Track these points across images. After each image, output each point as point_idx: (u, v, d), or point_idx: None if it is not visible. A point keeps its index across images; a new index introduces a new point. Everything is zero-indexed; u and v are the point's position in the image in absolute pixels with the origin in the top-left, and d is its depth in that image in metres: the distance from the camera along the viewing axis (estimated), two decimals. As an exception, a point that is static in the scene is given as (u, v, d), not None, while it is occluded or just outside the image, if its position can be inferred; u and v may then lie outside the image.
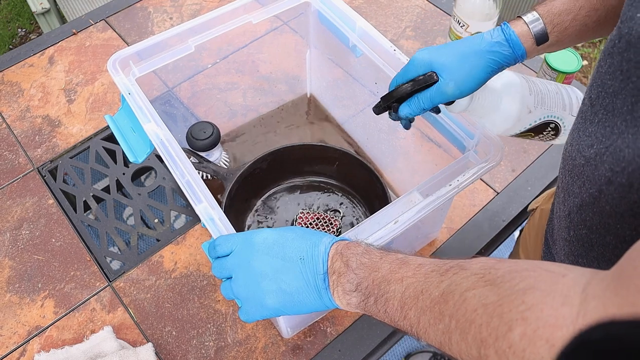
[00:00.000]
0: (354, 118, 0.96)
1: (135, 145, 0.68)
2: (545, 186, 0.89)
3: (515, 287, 0.34)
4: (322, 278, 0.48)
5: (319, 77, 0.98)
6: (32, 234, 0.87)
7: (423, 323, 0.41)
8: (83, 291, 0.81)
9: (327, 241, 0.50)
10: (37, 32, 2.44)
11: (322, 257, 0.49)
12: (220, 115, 0.98)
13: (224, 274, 0.53)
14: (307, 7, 0.81)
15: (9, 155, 0.96)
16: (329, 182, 0.91)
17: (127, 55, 0.70)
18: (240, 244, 0.52)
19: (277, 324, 0.74)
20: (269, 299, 0.50)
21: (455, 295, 0.38)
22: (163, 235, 0.87)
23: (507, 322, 0.33)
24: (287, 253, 0.50)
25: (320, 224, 0.85)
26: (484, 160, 0.61)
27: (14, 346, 0.76)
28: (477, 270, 0.38)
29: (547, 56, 0.92)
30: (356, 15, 0.75)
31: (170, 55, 0.72)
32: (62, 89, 1.06)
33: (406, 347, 1.46)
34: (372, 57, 0.73)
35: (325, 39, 0.86)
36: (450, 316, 0.38)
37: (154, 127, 0.65)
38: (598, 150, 0.42)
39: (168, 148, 0.63)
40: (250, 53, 0.92)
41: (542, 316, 0.32)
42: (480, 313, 0.35)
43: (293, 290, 0.49)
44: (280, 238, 0.51)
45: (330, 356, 0.74)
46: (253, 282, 0.50)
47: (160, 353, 0.75)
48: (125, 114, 0.69)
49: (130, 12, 1.19)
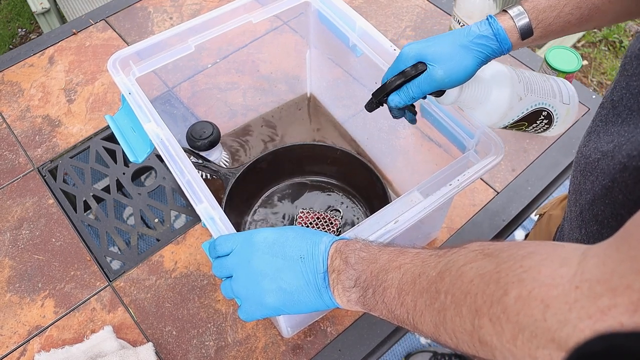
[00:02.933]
0: (354, 118, 0.96)
1: (135, 145, 0.67)
2: (546, 186, 0.89)
3: (514, 255, 0.34)
4: (322, 277, 0.48)
5: (319, 77, 0.98)
6: (32, 233, 0.87)
7: (419, 306, 0.40)
8: (83, 291, 0.81)
9: (327, 240, 0.50)
10: (37, 32, 2.44)
11: (322, 256, 0.49)
12: (220, 115, 0.98)
13: (224, 273, 0.53)
14: (307, 6, 0.81)
15: (9, 155, 0.97)
16: (329, 181, 0.91)
17: (127, 55, 0.70)
18: (240, 243, 0.52)
19: (277, 323, 0.75)
20: (268, 298, 0.50)
21: (452, 271, 0.38)
22: (163, 235, 0.87)
23: (503, 286, 0.33)
24: (287, 252, 0.50)
25: (320, 223, 0.85)
26: (484, 160, 0.61)
27: (14, 346, 0.76)
28: (476, 247, 0.38)
29: (547, 56, 0.92)
30: (356, 14, 0.75)
31: (170, 55, 0.72)
32: (62, 88, 1.06)
33: (406, 347, 1.46)
34: (372, 56, 0.73)
35: (325, 39, 0.86)
36: (445, 292, 0.37)
37: (154, 126, 0.65)
38: (618, 142, 0.42)
39: (168, 147, 0.63)
40: (251, 53, 0.92)
41: (539, 277, 0.31)
42: (476, 283, 0.35)
43: (293, 289, 0.49)
44: (281, 237, 0.51)
45: (331, 356, 0.74)
46: (253, 281, 0.50)
47: (161, 353, 0.75)
48: (126, 113, 0.69)
49: (130, 12, 1.19)
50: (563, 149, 0.93)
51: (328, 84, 0.98)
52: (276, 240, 0.51)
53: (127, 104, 0.68)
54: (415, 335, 1.48)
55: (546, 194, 0.90)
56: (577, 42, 2.23)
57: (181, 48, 0.73)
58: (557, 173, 0.91)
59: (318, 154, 0.87)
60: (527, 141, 0.94)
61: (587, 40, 2.25)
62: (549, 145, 0.93)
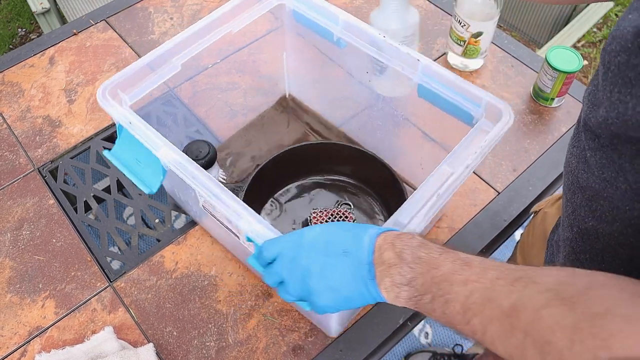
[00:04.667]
0: (354, 117, 0.96)
1: (145, 176, 0.64)
2: (547, 186, 0.89)
3: (592, 310, 0.34)
4: (367, 268, 0.47)
5: (299, 77, 0.97)
6: (33, 234, 0.87)
7: (490, 333, 0.40)
8: (84, 291, 0.81)
9: (373, 232, 0.49)
10: (37, 32, 2.44)
11: (368, 248, 0.48)
12: (220, 115, 0.98)
13: (275, 280, 0.52)
14: (281, 9, 0.79)
15: (9, 156, 0.96)
16: (330, 178, 0.90)
17: (114, 83, 0.67)
18: (284, 246, 0.52)
19: (321, 325, 0.75)
20: (319, 298, 0.49)
21: (527, 311, 0.37)
22: (164, 235, 0.87)
23: (590, 350, 0.33)
24: (330, 248, 0.49)
25: (336, 220, 0.84)
26: (500, 121, 0.61)
27: (14, 347, 0.76)
28: (551, 286, 0.38)
29: (548, 56, 0.92)
30: (337, 9, 0.74)
31: (159, 77, 0.70)
32: (62, 89, 1.06)
33: (406, 347, 1.46)
34: (361, 47, 0.72)
35: (304, 40, 0.86)
36: (524, 332, 0.37)
37: (168, 152, 0.61)
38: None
39: (191, 170, 0.60)
40: (251, 53, 0.92)
41: (627, 345, 0.31)
42: (559, 336, 0.35)
43: (340, 285, 0.48)
44: (323, 234, 0.50)
45: (332, 356, 0.74)
46: (302, 282, 0.50)
47: (161, 353, 0.75)
48: (126, 145, 0.65)
49: (130, 12, 1.18)
50: (564, 149, 0.93)
51: (307, 85, 0.97)
52: (319, 238, 0.50)
53: (126, 135, 0.64)
54: (416, 335, 1.48)
55: (547, 193, 0.90)
56: (577, 42, 2.23)
57: (168, 69, 0.70)
58: (558, 173, 0.90)
59: (321, 153, 0.87)
60: (527, 141, 0.94)
61: (587, 40, 2.25)
62: (550, 145, 0.93)
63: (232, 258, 0.83)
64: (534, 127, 0.96)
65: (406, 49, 0.68)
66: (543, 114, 0.98)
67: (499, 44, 1.08)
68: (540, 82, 0.96)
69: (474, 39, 0.96)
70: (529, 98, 1.00)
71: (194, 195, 0.67)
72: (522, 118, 0.97)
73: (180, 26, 1.15)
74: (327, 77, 0.92)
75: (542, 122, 0.97)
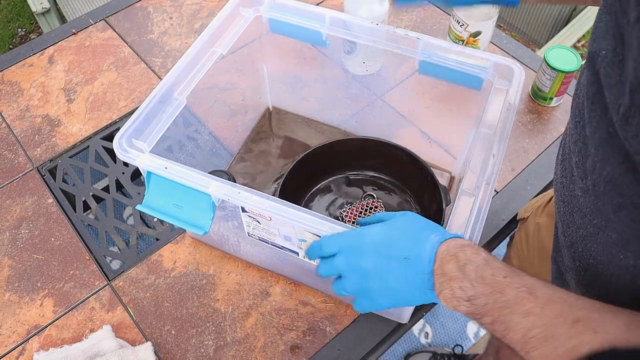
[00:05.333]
0: (354, 116, 0.96)
1: (193, 219, 0.60)
2: (545, 185, 0.89)
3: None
4: (426, 278, 0.48)
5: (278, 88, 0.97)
6: (32, 233, 0.87)
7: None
8: (82, 290, 0.81)
9: (436, 239, 0.49)
10: (37, 32, 2.45)
11: (429, 256, 0.48)
12: (220, 115, 0.98)
13: (332, 272, 0.54)
14: (259, 21, 0.78)
15: (8, 155, 0.97)
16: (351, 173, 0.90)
17: (128, 133, 0.63)
18: (347, 243, 0.53)
19: (389, 315, 0.76)
20: (378, 297, 0.51)
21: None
22: (162, 234, 0.87)
23: None
24: (392, 252, 0.50)
25: (365, 215, 0.84)
26: (515, 77, 0.61)
27: (13, 345, 0.76)
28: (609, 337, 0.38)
29: (547, 55, 0.92)
30: (322, 8, 0.74)
31: (169, 117, 0.66)
32: (61, 88, 1.06)
33: (406, 347, 1.46)
34: (355, 39, 0.72)
35: (283, 49, 0.86)
36: None
37: (219, 186, 0.58)
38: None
39: (248, 196, 0.57)
40: (252, 53, 0.92)
41: None
42: None
43: (398, 289, 0.50)
44: (386, 237, 0.51)
45: (330, 355, 0.74)
46: (362, 280, 0.51)
47: (160, 352, 0.75)
48: (158, 191, 0.61)
49: (130, 12, 1.19)
50: (563, 149, 0.93)
51: (288, 95, 0.97)
52: (382, 241, 0.51)
53: (157, 182, 0.61)
54: (416, 335, 1.48)
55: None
56: (577, 42, 2.23)
57: (174, 106, 0.67)
58: (557, 173, 0.90)
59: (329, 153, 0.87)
60: (526, 141, 0.94)
61: (587, 40, 2.25)
62: (549, 145, 0.93)
63: (230, 257, 0.83)
64: (532, 126, 0.96)
65: (403, 31, 0.68)
66: (542, 114, 0.98)
67: (497, 43, 1.08)
68: (538, 81, 0.96)
69: (473, 39, 0.96)
70: (527, 98, 1.00)
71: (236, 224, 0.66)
72: (520, 117, 0.97)
73: (180, 26, 1.15)
74: (314, 80, 0.92)
75: (540, 121, 0.97)
